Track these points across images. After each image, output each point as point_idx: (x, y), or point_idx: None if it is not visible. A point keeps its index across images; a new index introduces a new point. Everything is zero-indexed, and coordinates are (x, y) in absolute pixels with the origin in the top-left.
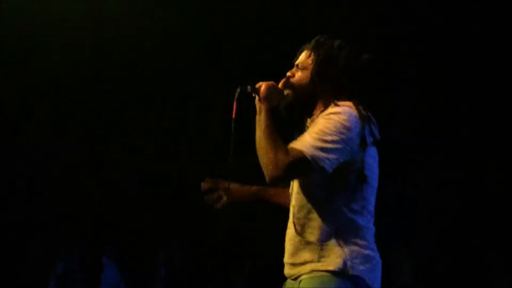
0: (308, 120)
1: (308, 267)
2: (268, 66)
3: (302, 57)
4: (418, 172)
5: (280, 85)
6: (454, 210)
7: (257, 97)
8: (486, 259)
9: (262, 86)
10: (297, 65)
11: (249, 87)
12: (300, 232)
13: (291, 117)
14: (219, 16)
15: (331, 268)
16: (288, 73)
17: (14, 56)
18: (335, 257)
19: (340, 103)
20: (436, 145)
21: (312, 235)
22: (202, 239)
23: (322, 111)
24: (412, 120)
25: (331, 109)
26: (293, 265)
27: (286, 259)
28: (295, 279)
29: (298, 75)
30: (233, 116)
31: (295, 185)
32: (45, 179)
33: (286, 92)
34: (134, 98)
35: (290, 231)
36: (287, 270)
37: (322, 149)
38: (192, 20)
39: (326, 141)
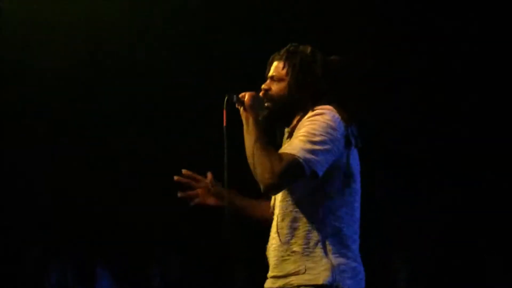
0: (286, 129)
1: (294, 281)
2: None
3: (276, 68)
4: (416, 173)
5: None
6: (453, 211)
7: (241, 108)
8: (486, 262)
9: (246, 96)
10: (272, 77)
11: (235, 96)
12: (285, 242)
13: (270, 128)
14: (219, 17)
15: (319, 282)
16: (264, 86)
17: (14, 56)
18: (322, 269)
19: (319, 107)
20: (436, 146)
21: (297, 244)
22: (198, 248)
23: (301, 117)
24: (412, 120)
25: (312, 112)
26: (277, 277)
27: (270, 272)
28: None
29: (275, 88)
30: (224, 124)
31: (279, 194)
32: (45, 179)
33: (266, 104)
34: (134, 98)
35: (274, 242)
36: (269, 285)
37: (312, 151)
38: (192, 20)
39: (314, 143)
